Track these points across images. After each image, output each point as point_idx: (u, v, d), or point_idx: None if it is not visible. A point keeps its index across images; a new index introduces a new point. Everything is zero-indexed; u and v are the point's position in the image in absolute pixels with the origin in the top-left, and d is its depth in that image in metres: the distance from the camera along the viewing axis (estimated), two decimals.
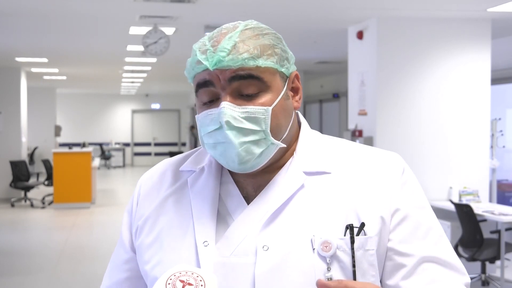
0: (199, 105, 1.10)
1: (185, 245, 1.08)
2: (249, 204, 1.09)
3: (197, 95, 1.10)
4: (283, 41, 1.13)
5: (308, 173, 1.10)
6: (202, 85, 1.07)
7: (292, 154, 1.13)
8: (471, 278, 5.76)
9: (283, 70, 1.09)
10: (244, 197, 1.10)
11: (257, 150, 1.05)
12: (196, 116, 1.10)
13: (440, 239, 1.09)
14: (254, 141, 1.04)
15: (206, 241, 1.06)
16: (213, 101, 1.07)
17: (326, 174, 1.10)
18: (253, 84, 1.05)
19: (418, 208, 1.09)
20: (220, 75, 1.05)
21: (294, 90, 1.14)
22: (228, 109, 1.03)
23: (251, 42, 1.06)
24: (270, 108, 1.05)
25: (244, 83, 1.05)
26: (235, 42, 1.05)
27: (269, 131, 1.05)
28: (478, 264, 5.81)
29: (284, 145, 1.08)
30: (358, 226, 1.05)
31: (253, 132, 1.04)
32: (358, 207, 1.06)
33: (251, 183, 1.11)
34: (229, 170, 1.14)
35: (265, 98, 1.06)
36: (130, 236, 1.20)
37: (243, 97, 1.05)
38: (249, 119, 1.04)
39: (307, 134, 1.16)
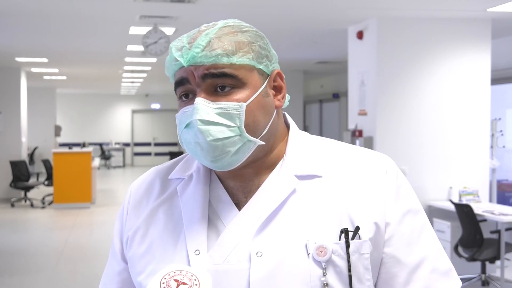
0: (179, 103, 1.09)
1: (177, 254, 1.06)
2: (241, 210, 1.07)
3: (176, 93, 1.09)
4: (265, 39, 1.11)
5: (299, 177, 1.08)
6: (179, 82, 1.07)
7: (281, 156, 1.12)
8: (471, 278, 5.78)
9: (261, 67, 1.08)
10: (235, 203, 1.09)
11: (232, 147, 1.03)
12: (176, 115, 1.10)
13: (433, 245, 1.10)
14: (228, 138, 1.03)
15: (198, 250, 1.04)
16: (189, 98, 1.07)
17: (317, 178, 1.09)
18: (227, 82, 1.04)
19: (411, 214, 1.09)
20: (195, 71, 1.04)
21: (277, 89, 1.12)
22: (201, 105, 1.03)
23: (227, 38, 1.05)
24: (245, 104, 1.04)
25: (217, 81, 1.04)
26: (210, 39, 1.04)
27: (243, 127, 1.04)
28: (478, 264, 5.81)
29: (263, 143, 1.06)
30: (353, 230, 1.04)
31: (227, 128, 1.03)
32: (352, 211, 1.06)
33: (241, 188, 1.10)
34: (218, 176, 1.13)
35: (241, 94, 1.04)
36: (121, 246, 1.19)
37: (218, 93, 1.04)
38: (222, 115, 1.03)
39: (297, 136, 1.15)
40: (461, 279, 5.10)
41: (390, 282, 1.07)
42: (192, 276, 0.96)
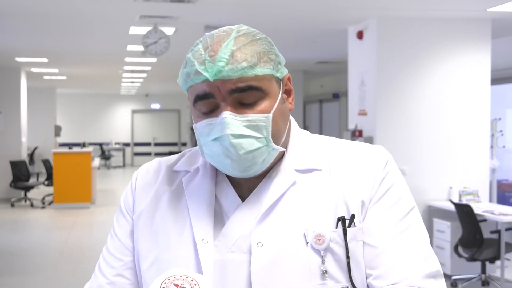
0: (198, 114, 1.09)
1: (183, 243, 1.09)
2: (244, 202, 1.10)
3: (195, 106, 1.08)
4: (273, 44, 1.13)
5: (299, 171, 1.12)
6: (202, 97, 1.06)
7: (283, 152, 1.14)
8: (471, 278, 5.77)
9: (278, 75, 1.10)
10: (239, 196, 1.12)
11: (260, 158, 1.06)
12: (194, 125, 1.10)
13: (408, 229, 1.08)
14: (258, 149, 1.05)
15: (205, 239, 1.07)
16: (213, 110, 1.07)
17: (316, 171, 1.12)
18: (253, 94, 1.05)
19: (392, 198, 1.09)
20: (220, 86, 1.04)
21: (287, 92, 1.15)
22: (230, 119, 1.04)
23: (247, 49, 1.06)
24: (271, 114, 1.06)
25: (244, 95, 1.05)
26: (231, 51, 1.04)
27: (270, 137, 1.06)
28: (478, 264, 5.80)
29: (284, 149, 1.10)
30: (348, 218, 1.07)
31: (255, 139, 1.05)
32: (347, 198, 1.08)
33: (246, 182, 1.13)
34: None
35: (264, 104, 1.06)
36: (131, 220, 1.18)
37: (243, 105, 1.06)
38: (250, 127, 1.05)
39: (297, 134, 1.18)
40: (461, 279, 5.07)
41: (360, 261, 1.07)
42: (192, 281, 0.97)
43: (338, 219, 1.06)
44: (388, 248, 1.06)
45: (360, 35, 6.56)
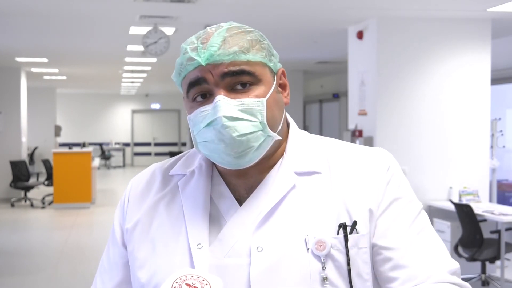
0: (191, 105, 1.09)
1: (179, 248, 1.07)
2: (242, 206, 1.08)
3: (188, 94, 1.09)
4: (266, 39, 1.13)
5: (299, 174, 1.10)
6: (194, 83, 1.06)
7: (282, 154, 1.13)
8: (471, 278, 5.77)
9: (271, 65, 1.10)
10: (236, 199, 1.10)
11: (255, 143, 1.04)
12: (188, 116, 1.09)
13: (423, 230, 1.08)
14: (252, 133, 1.04)
15: (200, 244, 1.05)
16: (206, 99, 1.07)
17: (316, 174, 1.10)
18: (246, 79, 1.05)
19: (402, 201, 1.09)
20: (213, 70, 1.04)
21: (282, 86, 1.15)
22: (223, 102, 1.03)
23: (239, 36, 1.07)
24: (265, 99, 1.05)
25: (236, 79, 1.05)
26: (224, 37, 1.05)
27: (266, 122, 1.05)
28: (478, 264, 5.81)
29: (280, 137, 1.08)
30: (350, 224, 1.05)
31: (250, 123, 1.04)
32: (349, 205, 1.07)
33: (243, 184, 1.11)
34: (220, 172, 1.13)
35: (258, 90, 1.06)
36: (122, 234, 1.18)
37: (237, 90, 1.05)
38: (245, 111, 1.04)
39: (296, 134, 1.16)
40: (461, 279, 5.07)
41: (383, 265, 1.06)
42: (203, 280, 0.96)
43: (340, 226, 1.04)
44: (409, 249, 1.05)
45: (360, 35, 6.55)
